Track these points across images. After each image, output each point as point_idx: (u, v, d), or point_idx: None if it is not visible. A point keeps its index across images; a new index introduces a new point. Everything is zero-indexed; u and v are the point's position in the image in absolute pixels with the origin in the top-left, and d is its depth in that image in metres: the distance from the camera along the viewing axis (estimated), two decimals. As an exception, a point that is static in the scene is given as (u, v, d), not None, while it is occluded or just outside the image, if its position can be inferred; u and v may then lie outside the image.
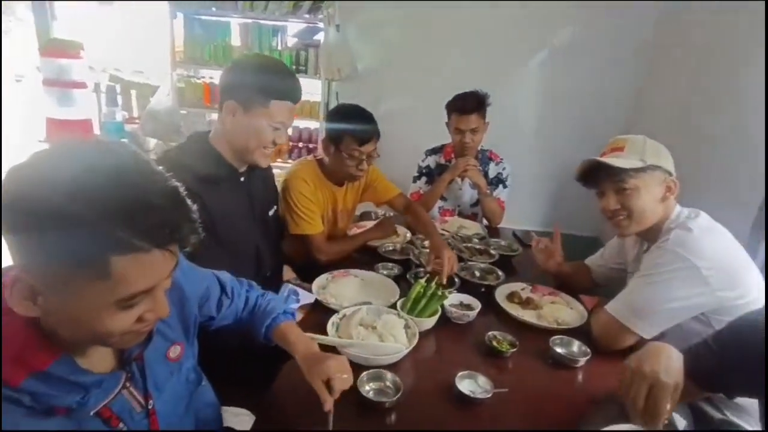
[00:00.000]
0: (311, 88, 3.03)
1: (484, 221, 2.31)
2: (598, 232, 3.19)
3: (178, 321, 0.83)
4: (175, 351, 0.81)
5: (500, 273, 1.62)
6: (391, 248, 1.80)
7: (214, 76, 3.38)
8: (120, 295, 0.57)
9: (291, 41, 2.96)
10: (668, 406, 0.85)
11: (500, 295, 1.49)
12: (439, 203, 2.34)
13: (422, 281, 1.34)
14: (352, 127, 1.63)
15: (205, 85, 3.25)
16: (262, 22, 2.96)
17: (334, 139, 1.66)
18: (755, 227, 1.70)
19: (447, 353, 1.24)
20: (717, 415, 1.23)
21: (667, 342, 1.23)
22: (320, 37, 2.88)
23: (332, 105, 2.91)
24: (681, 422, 1.21)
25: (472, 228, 2.12)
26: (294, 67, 2.89)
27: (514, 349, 1.19)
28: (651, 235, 1.33)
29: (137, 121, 3.32)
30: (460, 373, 1.05)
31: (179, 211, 0.58)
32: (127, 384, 0.71)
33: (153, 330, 0.71)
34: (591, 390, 1.12)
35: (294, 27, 2.94)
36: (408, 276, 1.55)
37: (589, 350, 1.20)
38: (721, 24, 2.15)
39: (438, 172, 2.31)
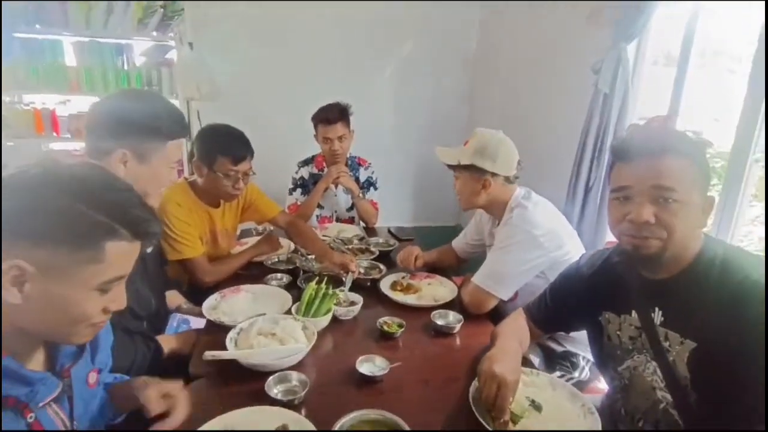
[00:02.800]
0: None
1: (361, 223, 2.48)
2: (459, 219, 3.63)
3: (99, 349, 0.85)
4: (93, 377, 0.83)
5: (382, 266, 1.79)
6: (277, 260, 1.85)
7: (46, 101, 2.98)
8: (104, 278, 0.68)
9: (139, 60, 2.77)
10: (511, 400, 1.01)
11: (384, 285, 1.65)
12: (317, 211, 2.44)
13: (313, 284, 1.43)
14: (226, 146, 1.65)
15: (35, 111, 2.85)
16: (101, 40, 2.72)
17: (207, 160, 1.64)
18: (568, 198, 2.14)
19: (345, 345, 1.34)
20: (559, 348, 1.56)
21: (518, 298, 1.52)
22: (173, 55, 2.76)
23: (194, 125, 2.81)
24: (535, 359, 1.50)
25: (351, 230, 2.26)
26: (146, 87, 2.72)
27: (402, 329, 1.35)
28: (498, 213, 1.63)
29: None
30: (359, 359, 1.17)
31: (150, 213, 0.73)
32: (52, 403, 0.73)
33: (85, 344, 0.79)
34: (467, 349, 1.33)
35: (141, 45, 2.77)
36: (298, 282, 1.63)
37: (462, 317, 1.41)
38: (542, 25, 2.63)
39: (312, 182, 2.41)
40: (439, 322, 1.41)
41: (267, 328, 1.25)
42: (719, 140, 1.65)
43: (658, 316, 1.02)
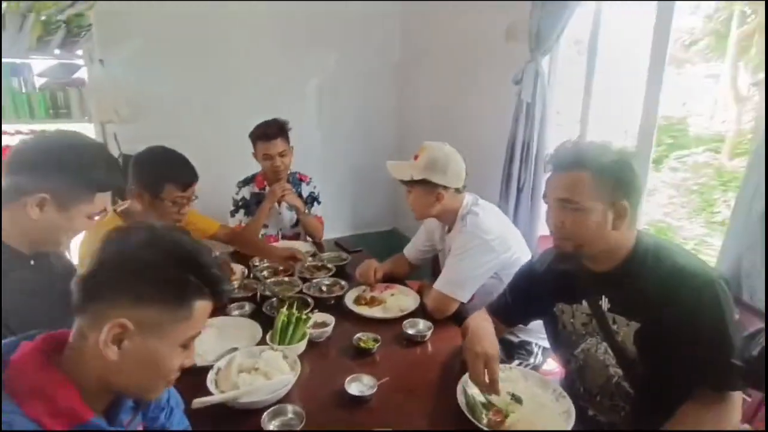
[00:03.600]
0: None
1: (308, 238, 2.47)
2: (395, 223, 3.75)
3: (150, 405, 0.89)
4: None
5: (343, 283, 1.81)
6: (232, 288, 1.79)
7: None
8: (190, 334, 0.74)
9: (40, 81, 2.48)
10: (498, 370, 1.15)
11: (349, 301, 1.69)
12: (261, 231, 2.39)
13: (284, 310, 1.42)
14: (173, 173, 1.59)
15: None
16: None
17: (152, 188, 1.57)
18: (501, 198, 2.33)
19: (326, 367, 1.36)
20: (515, 339, 1.71)
21: (476, 298, 1.65)
22: (82, 74, 2.51)
23: (113, 150, 2.59)
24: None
25: (300, 248, 2.25)
26: (51, 111, 2.45)
27: (378, 344, 1.40)
28: (449, 221, 1.74)
29: None
30: (347, 380, 1.20)
31: (223, 273, 0.78)
32: None
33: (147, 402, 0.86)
34: (440, 353, 1.42)
35: (41, 64, 2.48)
36: (264, 309, 1.60)
37: (431, 324, 1.50)
38: (464, 34, 2.79)
39: (254, 202, 2.35)
40: (411, 331, 1.48)
41: (248, 364, 1.23)
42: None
43: (605, 303, 1.19)
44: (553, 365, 1.72)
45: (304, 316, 1.41)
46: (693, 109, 2.19)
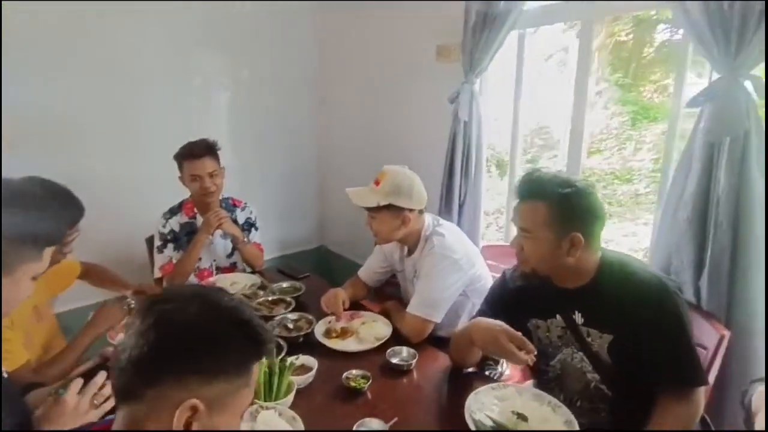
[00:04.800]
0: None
1: (247, 268, 2.29)
2: (321, 241, 3.67)
3: None
4: None
5: (310, 317, 1.69)
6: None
7: None
8: (248, 402, 0.72)
9: None
10: (519, 334, 1.22)
11: (319, 335, 1.60)
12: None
13: (263, 360, 1.29)
14: (60, 210, 1.34)
15: None
16: None
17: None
18: (441, 213, 2.40)
19: (322, 415, 1.26)
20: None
21: (445, 315, 1.66)
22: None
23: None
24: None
25: (244, 280, 2.08)
26: None
27: (369, 382, 1.34)
28: (410, 243, 1.76)
29: None
30: (355, 427, 1.13)
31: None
32: None
33: None
34: (430, 377, 1.43)
35: None
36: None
37: (416, 352, 1.48)
38: (386, 48, 2.82)
39: (184, 233, 2.11)
40: (395, 360, 1.45)
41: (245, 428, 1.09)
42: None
43: (578, 318, 1.30)
44: (516, 374, 1.80)
45: (287, 364, 1.30)
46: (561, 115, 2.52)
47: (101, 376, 0.98)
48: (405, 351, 1.50)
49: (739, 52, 1.32)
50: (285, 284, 2.02)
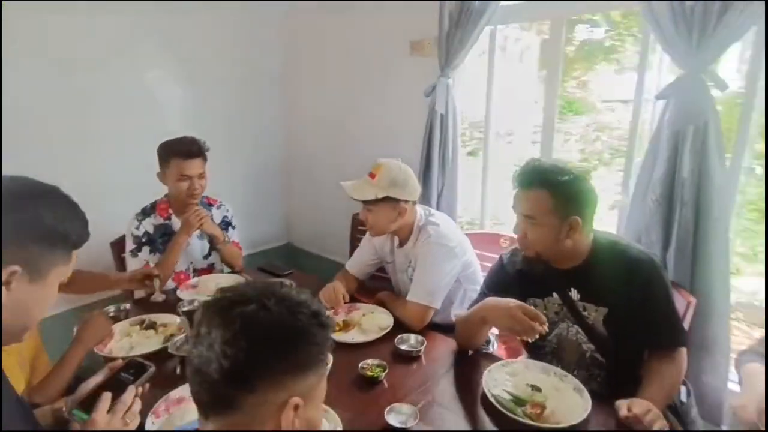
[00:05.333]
0: None
1: (224, 268, 2.21)
2: (289, 237, 3.61)
3: None
4: None
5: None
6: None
7: None
8: (325, 391, 0.75)
9: None
10: (523, 317, 1.27)
11: (323, 330, 1.59)
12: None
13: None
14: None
15: None
16: None
17: None
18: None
19: (351, 404, 1.25)
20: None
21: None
22: None
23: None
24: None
25: (228, 281, 2.01)
26: None
27: (386, 372, 1.36)
28: (403, 234, 1.79)
29: None
30: (386, 413, 1.15)
31: None
32: None
33: None
34: (439, 360, 1.48)
35: None
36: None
37: (423, 337, 1.53)
38: (354, 41, 2.82)
39: (159, 235, 2.00)
40: (404, 347, 1.49)
41: None
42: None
43: (574, 294, 1.41)
44: (503, 351, 1.90)
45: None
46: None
47: (130, 393, 0.92)
48: (413, 338, 1.54)
49: (699, 50, 1.49)
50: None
